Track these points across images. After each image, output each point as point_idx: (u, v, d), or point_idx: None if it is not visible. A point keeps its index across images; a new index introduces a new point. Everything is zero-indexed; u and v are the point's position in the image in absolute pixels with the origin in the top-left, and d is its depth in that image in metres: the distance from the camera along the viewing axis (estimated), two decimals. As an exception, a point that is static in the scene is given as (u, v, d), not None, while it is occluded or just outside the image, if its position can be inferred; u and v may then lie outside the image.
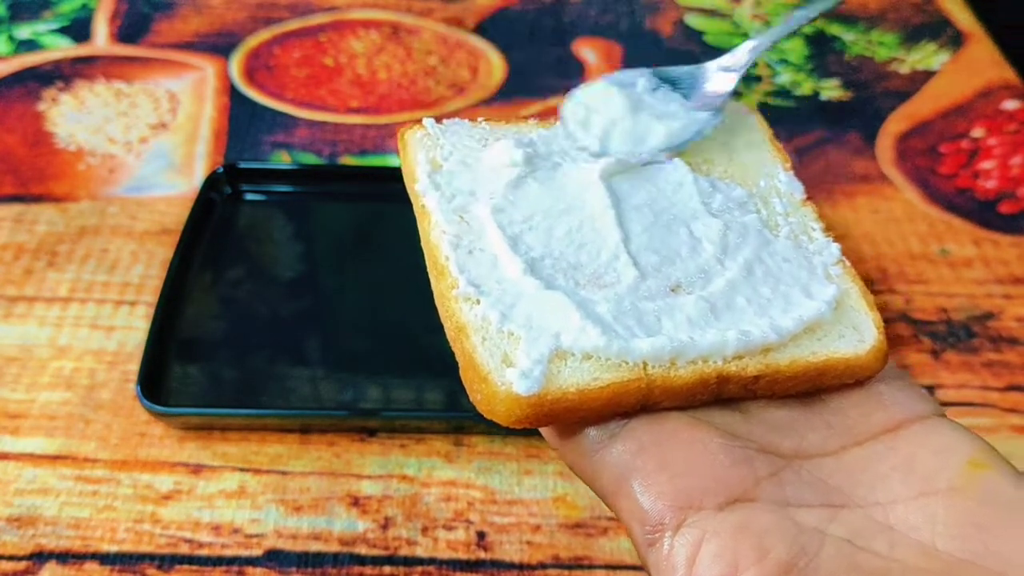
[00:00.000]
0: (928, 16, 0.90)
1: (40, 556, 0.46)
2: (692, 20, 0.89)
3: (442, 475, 0.50)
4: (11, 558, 0.46)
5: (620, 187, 0.32)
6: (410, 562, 0.47)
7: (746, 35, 0.87)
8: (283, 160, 0.71)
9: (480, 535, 0.48)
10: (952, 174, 0.72)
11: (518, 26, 0.87)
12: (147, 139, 0.72)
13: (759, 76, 0.82)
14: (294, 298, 0.59)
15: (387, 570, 0.46)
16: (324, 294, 0.61)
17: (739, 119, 0.37)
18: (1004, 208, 0.69)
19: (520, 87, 0.80)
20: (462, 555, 0.47)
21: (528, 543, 0.48)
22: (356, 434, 0.52)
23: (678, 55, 0.84)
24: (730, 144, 0.36)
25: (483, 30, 0.86)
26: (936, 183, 0.71)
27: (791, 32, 0.38)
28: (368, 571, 0.46)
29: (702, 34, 0.87)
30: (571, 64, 0.83)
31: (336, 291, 0.61)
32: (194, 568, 0.46)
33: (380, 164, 0.71)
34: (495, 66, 0.82)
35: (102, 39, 0.83)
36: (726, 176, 0.35)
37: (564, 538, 0.48)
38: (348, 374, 0.54)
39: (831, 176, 0.72)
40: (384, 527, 0.48)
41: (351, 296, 0.60)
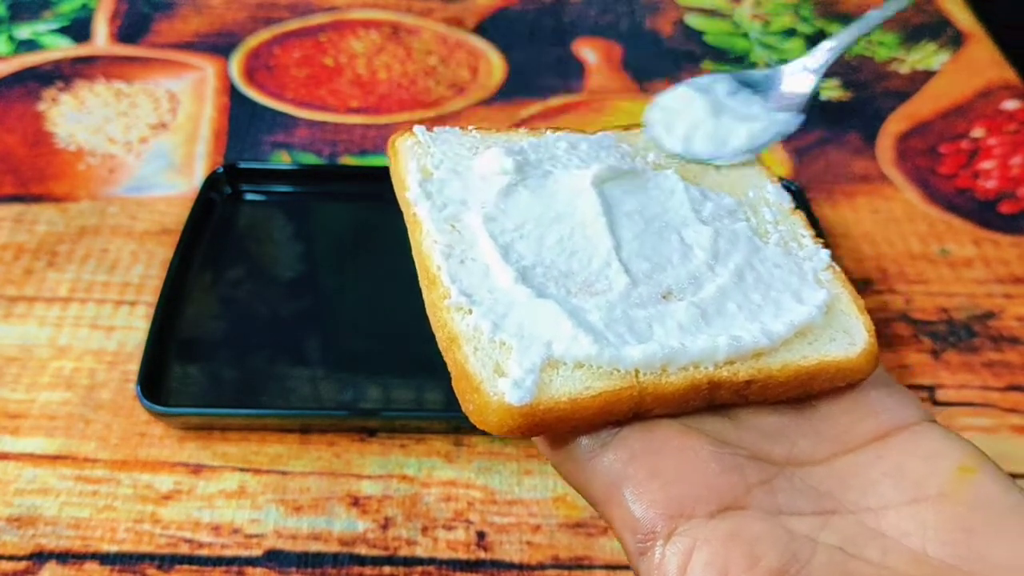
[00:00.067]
0: (928, 16, 0.90)
1: (40, 556, 0.46)
2: (692, 20, 0.89)
3: (442, 475, 0.50)
4: (11, 558, 0.46)
5: (611, 194, 0.32)
6: (410, 562, 0.47)
7: (746, 35, 0.87)
8: (283, 160, 0.71)
9: (480, 535, 0.48)
10: (952, 174, 0.72)
11: (518, 26, 0.87)
12: (147, 139, 0.72)
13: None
14: (294, 298, 0.60)
15: (387, 570, 0.46)
16: (324, 294, 0.61)
17: None
18: (1004, 208, 0.69)
19: (520, 87, 0.80)
20: (462, 555, 0.47)
21: (528, 543, 0.48)
22: (356, 434, 0.52)
23: (678, 55, 0.84)
24: None
25: (483, 30, 0.86)
26: (936, 183, 0.71)
27: (867, 32, 0.38)
28: (368, 571, 0.46)
29: (702, 34, 0.87)
30: (571, 64, 0.83)
31: (336, 291, 0.61)
32: (194, 568, 0.46)
33: (380, 164, 0.71)
34: (495, 66, 0.82)
35: (102, 39, 0.83)
36: (715, 188, 0.35)
37: (564, 538, 0.48)
38: (348, 374, 0.54)
39: (831, 176, 0.72)
40: (384, 527, 0.48)
41: (351, 296, 0.60)
